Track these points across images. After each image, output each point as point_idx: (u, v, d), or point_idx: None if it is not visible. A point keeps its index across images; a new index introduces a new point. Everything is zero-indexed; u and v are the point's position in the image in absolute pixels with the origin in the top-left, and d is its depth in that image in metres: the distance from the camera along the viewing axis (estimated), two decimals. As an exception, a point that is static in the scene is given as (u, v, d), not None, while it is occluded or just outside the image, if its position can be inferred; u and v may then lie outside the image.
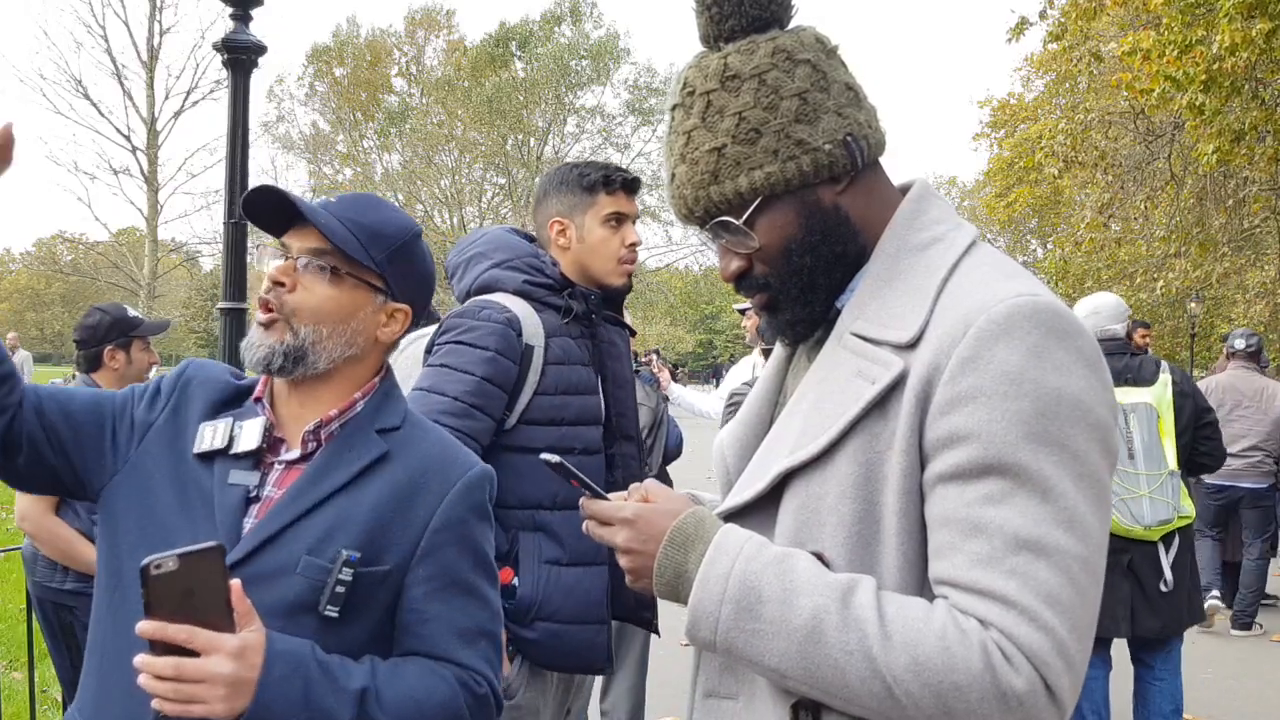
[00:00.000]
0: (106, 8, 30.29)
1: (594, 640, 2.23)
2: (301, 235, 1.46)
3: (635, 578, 1.18)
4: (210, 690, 1.19)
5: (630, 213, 2.36)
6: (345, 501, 1.42)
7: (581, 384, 2.28)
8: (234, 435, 1.44)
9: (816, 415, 1.14)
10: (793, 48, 1.17)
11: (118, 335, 3.49)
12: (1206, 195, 13.24)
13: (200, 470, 1.43)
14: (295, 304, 1.43)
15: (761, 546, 1.10)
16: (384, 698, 1.36)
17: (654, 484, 1.24)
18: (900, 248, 1.18)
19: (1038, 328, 1.04)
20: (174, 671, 1.18)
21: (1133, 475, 3.87)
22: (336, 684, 1.32)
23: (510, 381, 2.18)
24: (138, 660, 1.19)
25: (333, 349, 1.45)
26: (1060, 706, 1.00)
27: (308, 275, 1.44)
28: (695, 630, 1.11)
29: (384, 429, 1.49)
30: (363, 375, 1.51)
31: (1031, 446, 1.01)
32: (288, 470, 1.45)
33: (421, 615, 1.45)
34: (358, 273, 1.46)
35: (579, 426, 2.25)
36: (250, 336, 1.46)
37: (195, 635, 1.18)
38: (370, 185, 32.27)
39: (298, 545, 1.38)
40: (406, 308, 1.52)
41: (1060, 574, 0.99)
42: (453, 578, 1.47)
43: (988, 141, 25.36)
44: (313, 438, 1.46)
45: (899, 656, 1.00)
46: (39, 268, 52.36)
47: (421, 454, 1.49)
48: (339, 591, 1.37)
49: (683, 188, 1.21)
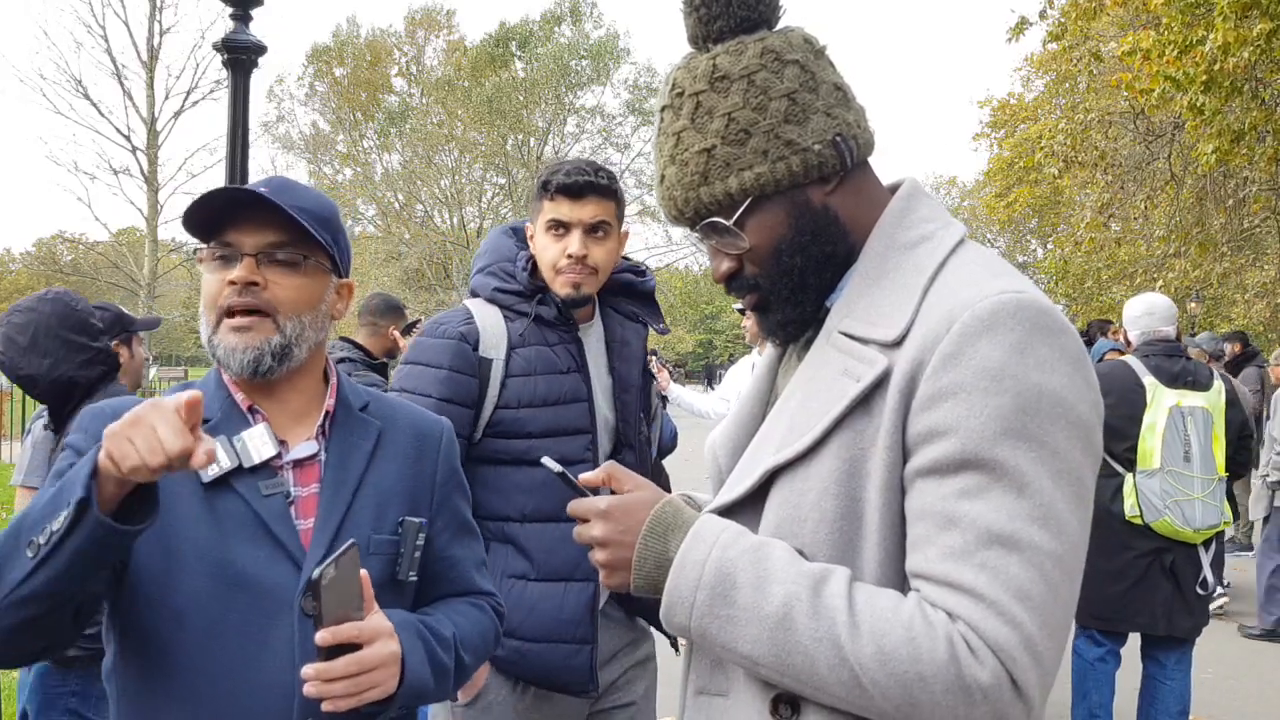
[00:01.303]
0: (106, 8, 30.25)
1: (567, 662, 2.10)
2: (251, 232, 1.41)
3: (611, 572, 1.18)
4: (384, 672, 1.30)
5: (573, 220, 2.16)
6: (375, 478, 1.49)
7: (554, 394, 2.17)
8: (238, 450, 1.41)
9: (803, 413, 1.14)
10: (781, 48, 1.18)
11: (120, 331, 3.49)
12: (1206, 195, 13.24)
13: (218, 497, 1.39)
14: (275, 301, 1.41)
15: (739, 535, 1.12)
16: (463, 639, 1.51)
17: (616, 466, 1.23)
18: (888, 246, 1.18)
19: (1021, 324, 1.04)
20: (356, 666, 1.26)
21: (1188, 478, 3.90)
22: (440, 637, 1.45)
23: (470, 395, 2.14)
24: (311, 670, 1.24)
25: (313, 337, 1.47)
26: (1026, 701, 1.00)
27: (273, 270, 1.42)
28: (671, 615, 1.12)
29: (361, 407, 1.54)
30: (323, 358, 1.55)
31: (1010, 442, 1.01)
32: (300, 468, 1.46)
33: (451, 561, 1.59)
34: (317, 256, 1.46)
35: (551, 438, 2.15)
36: (228, 342, 1.41)
37: (362, 629, 1.28)
38: (370, 185, 32.26)
39: (362, 529, 1.44)
40: (350, 281, 1.57)
41: (1032, 570, 0.99)
42: (461, 521, 1.63)
43: (988, 141, 25.36)
44: (320, 430, 1.49)
45: (866, 646, 1.01)
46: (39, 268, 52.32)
47: (405, 420, 1.58)
48: (416, 557, 1.48)
49: (672, 189, 1.21)
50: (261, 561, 1.38)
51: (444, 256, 31.02)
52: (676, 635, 1.15)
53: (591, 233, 2.18)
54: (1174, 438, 3.88)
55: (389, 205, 32.59)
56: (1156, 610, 3.92)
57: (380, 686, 1.30)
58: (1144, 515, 3.88)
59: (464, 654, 1.50)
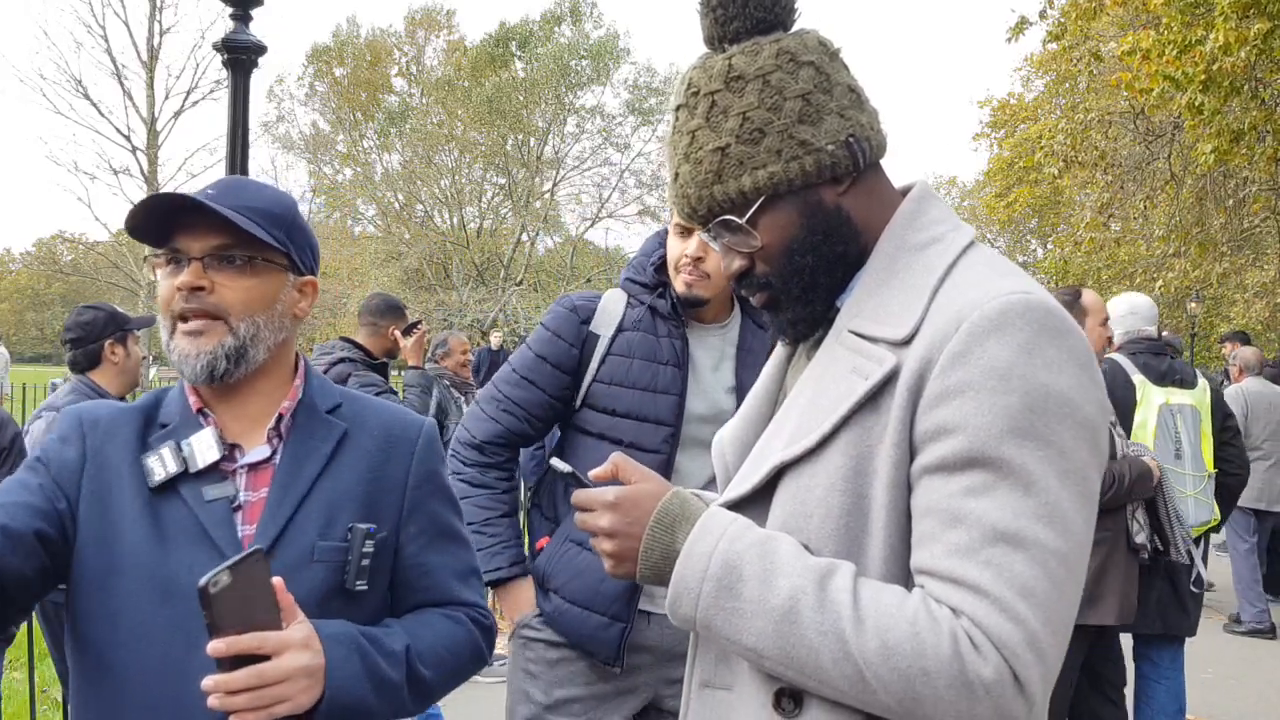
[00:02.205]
0: (106, 8, 30.36)
1: (600, 634, 2.23)
2: (197, 236, 1.40)
3: (617, 562, 1.19)
4: (292, 686, 1.23)
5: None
6: (330, 483, 1.44)
7: (644, 380, 2.28)
8: (185, 455, 1.40)
9: (811, 410, 1.15)
10: (796, 50, 1.18)
11: (115, 330, 3.48)
12: (1206, 195, 13.25)
13: (163, 501, 1.38)
14: (224, 304, 1.40)
15: (746, 528, 1.12)
16: (421, 652, 1.44)
17: (623, 458, 1.24)
18: (899, 247, 1.19)
19: (1030, 324, 1.05)
20: (257, 679, 1.19)
21: (1180, 476, 3.92)
22: (384, 650, 1.38)
23: (567, 360, 2.33)
24: (210, 682, 1.18)
25: (270, 338, 1.45)
26: (1029, 698, 1.00)
27: (222, 273, 1.41)
28: (676, 606, 1.13)
29: (330, 409, 1.51)
30: (289, 358, 1.53)
31: (1016, 441, 1.02)
32: (254, 472, 1.44)
33: (423, 568, 1.52)
34: (268, 256, 1.44)
35: (632, 421, 2.26)
36: (181, 348, 1.40)
37: (265, 639, 1.20)
38: (370, 185, 32.27)
39: (307, 535, 1.40)
40: (314, 278, 1.54)
41: (1037, 567, 1.00)
42: (440, 527, 1.55)
43: (988, 141, 25.38)
44: (275, 433, 1.46)
45: (870, 640, 1.02)
46: (39, 268, 52.39)
47: (377, 421, 1.54)
48: (364, 565, 1.42)
49: (686, 187, 1.22)
50: (199, 568, 1.30)
51: (444, 256, 31.03)
52: (681, 627, 1.15)
53: None
54: (1164, 436, 3.90)
55: (389, 205, 32.59)
56: (1151, 610, 3.92)
57: (290, 700, 1.23)
58: None
59: (421, 668, 1.43)
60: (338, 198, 33.09)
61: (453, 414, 5.44)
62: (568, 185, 33.12)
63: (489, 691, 5.28)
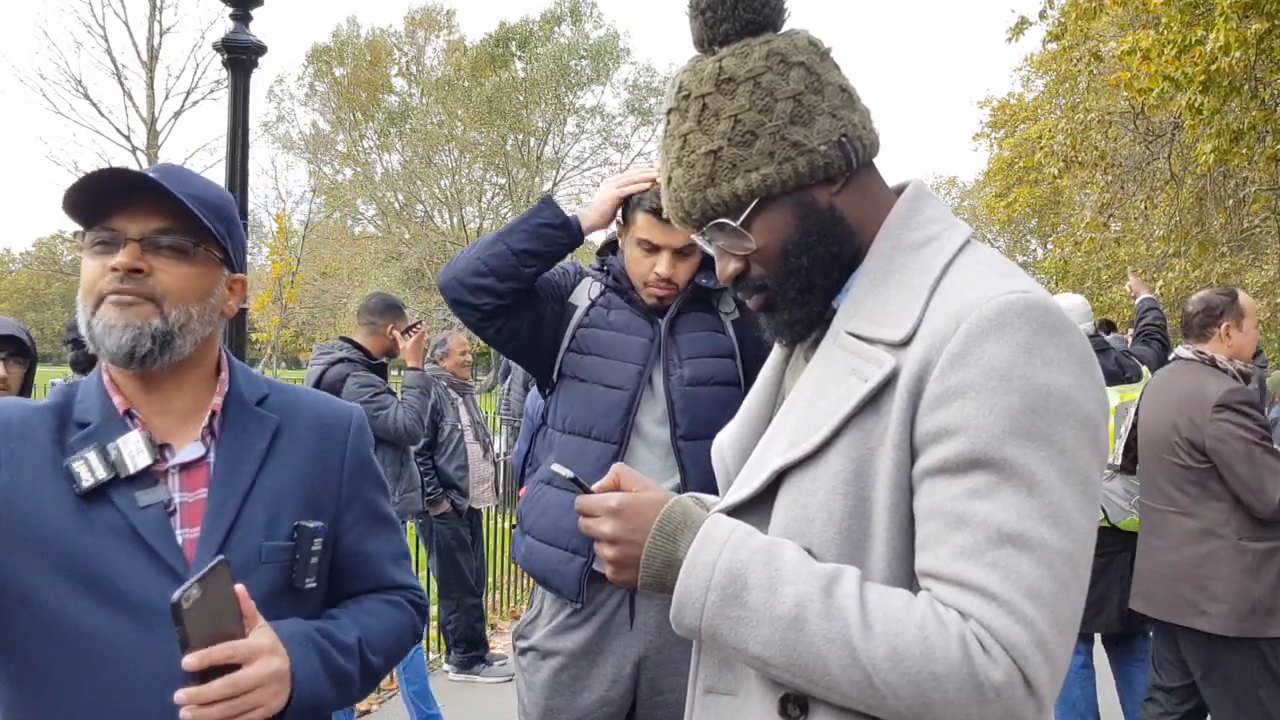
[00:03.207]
0: (106, 8, 30.35)
1: (561, 568, 2.29)
2: (136, 217, 1.34)
3: (619, 569, 1.19)
4: (265, 692, 1.24)
5: (664, 244, 2.30)
6: (269, 480, 1.42)
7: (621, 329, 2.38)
8: (113, 460, 1.33)
9: (811, 413, 1.15)
10: (787, 50, 1.18)
11: None
12: (1206, 195, 13.25)
13: (94, 508, 1.32)
14: (162, 287, 1.34)
15: (749, 535, 1.12)
16: (371, 641, 1.46)
17: (624, 468, 1.25)
18: (895, 247, 1.18)
19: (1028, 324, 1.04)
20: (231, 689, 1.20)
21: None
22: (339, 644, 1.40)
23: (555, 290, 2.42)
24: (184, 695, 1.18)
25: (199, 330, 1.39)
26: (1039, 700, 1.00)
27: (162, 257, 1.35)
28: (680, 616, 1.12)
29: (258, 401, 1.48)
30: (214, 354, 1.48)
31: (1019, 441, 1.01)
32: (186, 472, 1.39)
33: (361, 555, 1.53)
34: (209, 246, 1.40)
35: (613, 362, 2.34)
36: (107, 318, 1.33)
37: (236, 648, 1.21)
38: (370, 185, 32.28)
39: (253, 537, 1.38)
40: (243, 277, 1.50)
41: (1043, 568, 1.00)
42: (374, 514, 1.56)
43: (988, 141, 25.36)
44: (208, 430, 1.42)
45: (879, 646, 1.01)
46: (39, 268, 52.43)
47: (310, 411, 1.52)
48: (314, 563, 1.42)
49: (679, 191, 1.22)
50: (138, 576, 1.30)
51: (444, 256, 31.00)
52: (686, 636, 1.15)
53: (679, 253, 2.33)
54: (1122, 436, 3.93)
55: (389, 205, 32.60)
56: (1114, 612, 3.97)
57: (264, 706, 1.24)
58: (1109, 517, 3.93)
59: (371, 657, 1.45)
60: (338, 198, 33.10)
61: (448, 415, 5.43)
62: (568, 185, 33.16)
63: (489, 691, 5.28)
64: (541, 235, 2.31)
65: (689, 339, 2.38)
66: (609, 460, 2.19)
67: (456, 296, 2.33)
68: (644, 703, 2.32)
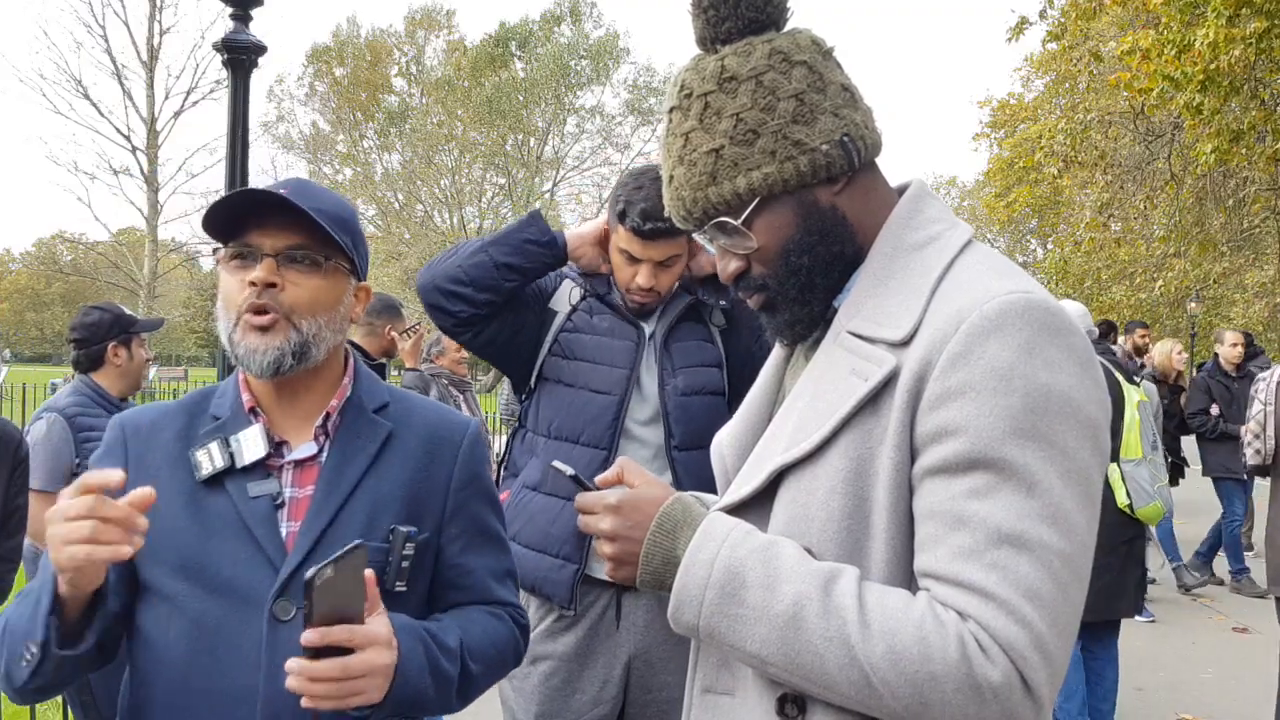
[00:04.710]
0: (106, 8, 30.31)
1: (553, 575, 2.28)
2: (270, 233, 1.42)
3: (618, 566, 1.19)
4: (369, 681, 1.26)
5: (644, 257, 2.29)
6: (374, 483, 1.46)
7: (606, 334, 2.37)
8: (232, 451, 1.42)
9: (811, 413, 1.15)
10: (789, 49, 1.18)
11: (119, 332, 3.50)
12: (1206, 195, 13.26)
13: (210, 495, 1.41)
14: (292, 301, 1.42)
15: (748, 534, 1.12)
16: (471, 647, 1.47)
17: (628, 462, 1.25)
18: (896, 247, 1.18)
19: (1029, 324, 1.04)
20: (340, 671, 1.23)
21: (1159, 464, 4.30)
22: (443, 645, 1.42)
23: (536, 294, 2.40)
24: (295, 664, 1.22)
25: (330, 339, 1.47)
26: (1037, 700, 1.00)
27: (295, 271, 1.43)
28: (679, 614, 1.12)
29: (377, 409, 1.53)
30: (341, 358, 1.55)
31: (1019, 442, 1.01)
32: (300, 469, 1.46)
33: (464, 569, 1.55)
34: (337, 259, 1.47)
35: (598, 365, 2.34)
36: (249, 343, 1.42)
37: (354, 633, 1.24)
38: (370, 185, 32.27)
39: (349, 535, 1.41)
40: (367, 285, 1.57)
41: (1042, 569, 1.00)
42: (480, 529, 1.57)
43: (988, 141, 25.40)
44: (322, 431, 1.48)
45: (877, 645, 1.01)
46: (39, 268, 52.39)
47: (423, 422, 1.55)
48: (404, 567, 1.44)
49: (681, 189, 1.21)
50: (240, 563, 1.37)
51: (444, 256, 30.99)
52: (683, 634, 1.15)
53: (660, 264, 2.33)
54: (1145, 428, 4.22)
55: (389, 205, 32.60)
56: (1100, 596, 4.11)
57: (364, 695, 1.27)
58: (1133, 503, 4.14)
59: (471, 663, 1.47)
60: (338, 198, 33.06)
61: (451, 413, 5.43)
62: (567, 185, 33.19)
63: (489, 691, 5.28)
64: (525, 251, 2.30)
65: (682, 349, 2.38)
66: (599, 466, 2.16)
67: (432, 301, 2.32)
68: (634, 702, 2.32)
